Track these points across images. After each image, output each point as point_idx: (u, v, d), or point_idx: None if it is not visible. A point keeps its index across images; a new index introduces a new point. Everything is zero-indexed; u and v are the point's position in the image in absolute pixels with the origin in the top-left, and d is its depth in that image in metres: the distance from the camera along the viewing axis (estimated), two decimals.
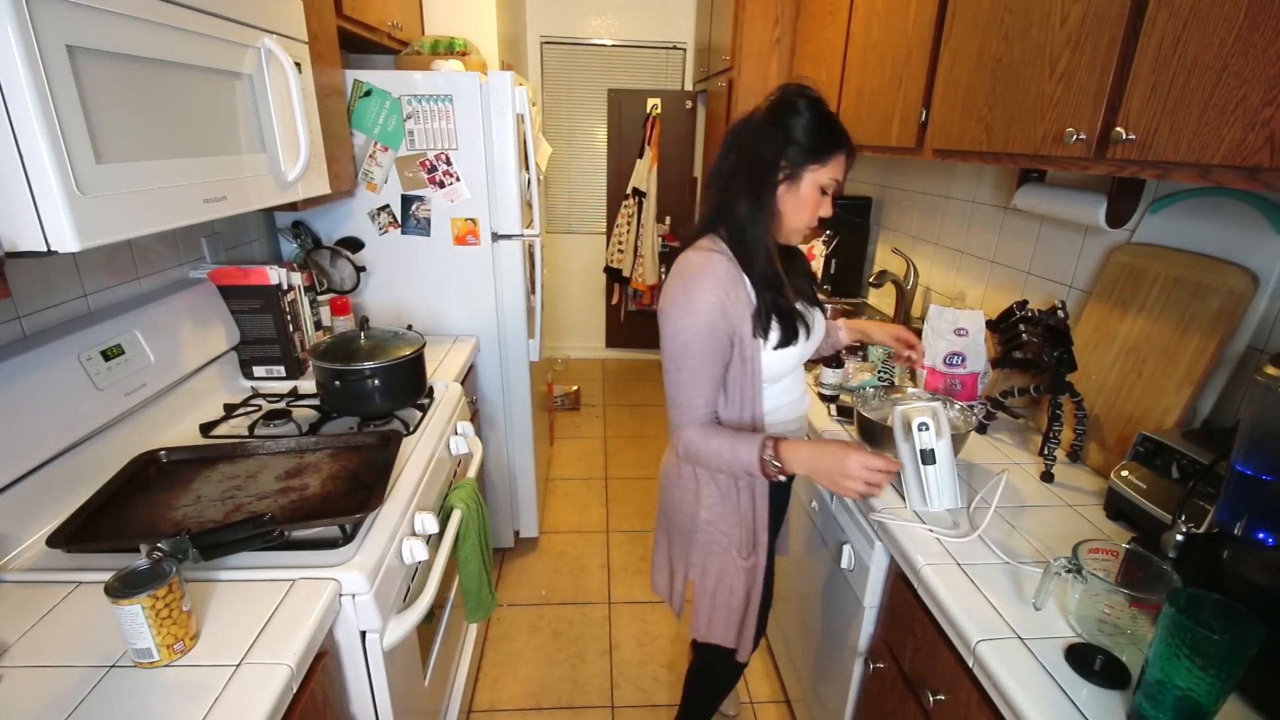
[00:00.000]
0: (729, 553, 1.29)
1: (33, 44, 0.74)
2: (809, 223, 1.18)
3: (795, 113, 1.11)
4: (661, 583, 1.44)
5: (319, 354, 1.44)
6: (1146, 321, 1.29)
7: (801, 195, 1.14)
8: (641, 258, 4.14)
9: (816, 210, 1.16)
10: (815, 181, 1.13)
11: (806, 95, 1.13)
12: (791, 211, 1.16)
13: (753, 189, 1.14)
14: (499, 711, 1.87)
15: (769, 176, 1.13)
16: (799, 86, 1.14)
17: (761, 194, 1.13)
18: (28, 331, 1.17)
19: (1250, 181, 0.83)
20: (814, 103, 1.12)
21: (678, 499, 1.31)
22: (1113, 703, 0.81)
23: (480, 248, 2.10)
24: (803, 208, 1.15)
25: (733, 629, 1.35)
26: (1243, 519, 0.84)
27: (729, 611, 1.33)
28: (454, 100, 1.94)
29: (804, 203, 1.15)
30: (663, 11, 3.91)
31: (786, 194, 1.14)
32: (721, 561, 1.30)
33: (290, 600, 0.94)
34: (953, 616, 0.96)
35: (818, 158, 1.12)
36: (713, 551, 1.30)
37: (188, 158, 1.01)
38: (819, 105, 1.13)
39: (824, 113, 1.13)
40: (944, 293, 2.08)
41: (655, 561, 1.45)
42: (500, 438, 2.36)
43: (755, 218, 1.14)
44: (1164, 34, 0.93)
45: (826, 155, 1.12)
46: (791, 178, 1.13)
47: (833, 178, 1.14)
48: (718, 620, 1.34)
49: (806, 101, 1.12)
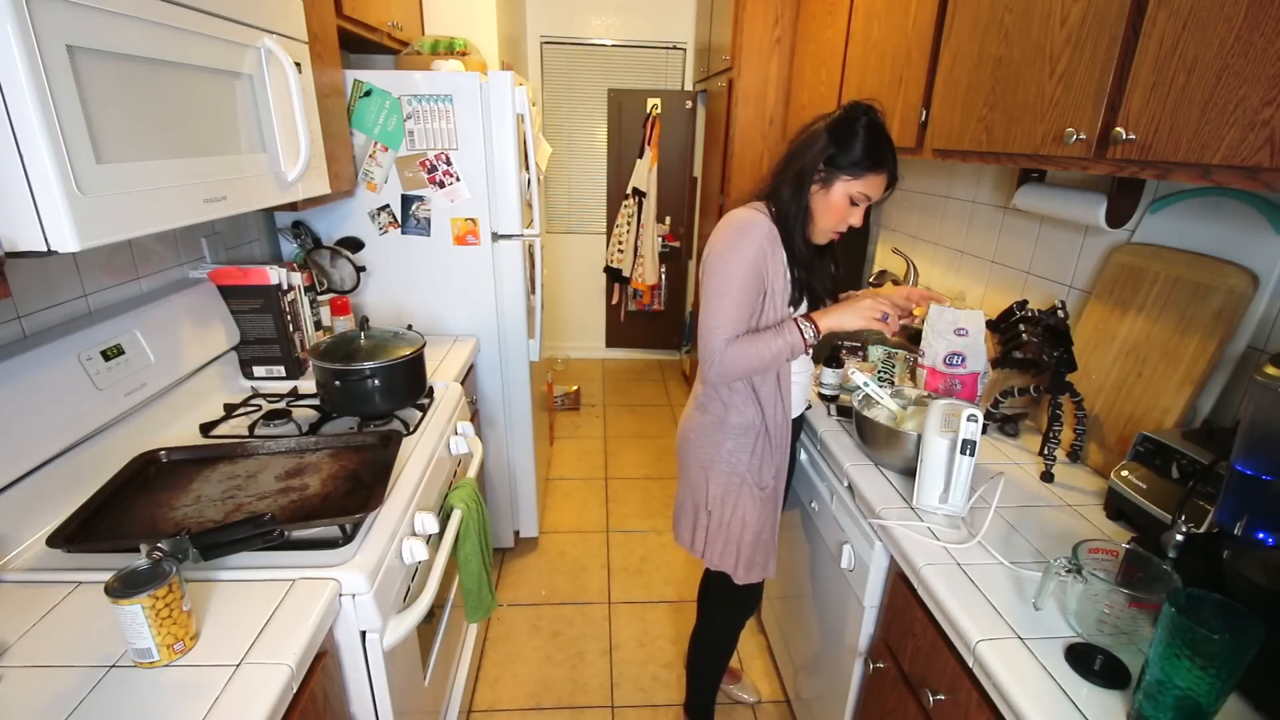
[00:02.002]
0: (745, 481, 1.40)
1: (33, 44, 0.74)
2: (835, 226, 1.30)
3: (849, 127, 1.23)
4: (685, 529, 1.53)
5: (319, 354, 1.44)
6: (1146, 321, 1.29)
7: (831, 200, 1.26)
8: (641, 258, 4.14)
9: (844, 217, 1.28)
10: (846, 191, 1.25)
11: (867, 115, 1.24)
12: (820, 212, 1.29)
13: (794, 181, 1.28)
14: (499, 711, 1.87)
15: (808, 174, 1.26)
16: (865, 105, 1.25)
17: (801, 188, 1.27)
18: (28, 331, 1.17)
19: (1250, 181, 0.83)
20: (870, 124, 1.23)
21: (704, 439, 1.42)
22: (1113, 703, 0.81)
23: (480, 248, 2.10)
24: (830, 211, 1.28)
25: (746, 558, 1.45)
26: (1243, 519, 0.84)
27: (741, 542, 1.44)
28: (454, 100, 1.94)
29: (832, 207, 1.27)
30: (663, 11, 3.91)
31: (819, 194, 1.27)
32: (739, 493, 1.41)
33: (290, 600, 0.94)
34: (953, 616, 0.96)
35: (853, 171, 1.23)
36: (733, 482, 1.41)
37: (188, 158, 1.01)
38: (873, 127, 1.23)
39: (874, 135, 1.23)
40: (944, 293, 2.08)
41: (678, 517, 1.56)
42: (500, 438, 2.36)
43: (792, 207, 1.29)
44: (1164, 34, 0.93)
45: (862, 171, 1.23)
46: (825, 182, 1.26)
47: (864, 192, 1.25)
48: (731, 550, 1.45)
49: (864, 120, 1.23)
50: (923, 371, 1.60)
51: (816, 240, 1.34)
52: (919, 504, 1.20)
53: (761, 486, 1.41)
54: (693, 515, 1.50)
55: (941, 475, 1.17)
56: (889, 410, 1.40)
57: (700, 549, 1.50)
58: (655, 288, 4.30)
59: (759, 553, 1.45)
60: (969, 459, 1.13)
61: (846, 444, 1.45)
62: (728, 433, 1.39)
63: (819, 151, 1.24)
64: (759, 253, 1.25)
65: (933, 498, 1.18)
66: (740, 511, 1.42)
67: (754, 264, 1.25)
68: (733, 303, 1.26)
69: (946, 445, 1.15)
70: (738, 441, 1.39)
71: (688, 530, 1.52)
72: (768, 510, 1.43)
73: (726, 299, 1.26)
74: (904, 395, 1.44)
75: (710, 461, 1.41)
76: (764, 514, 1.43)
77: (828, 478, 1.48)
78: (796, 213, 1.28)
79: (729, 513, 1.42)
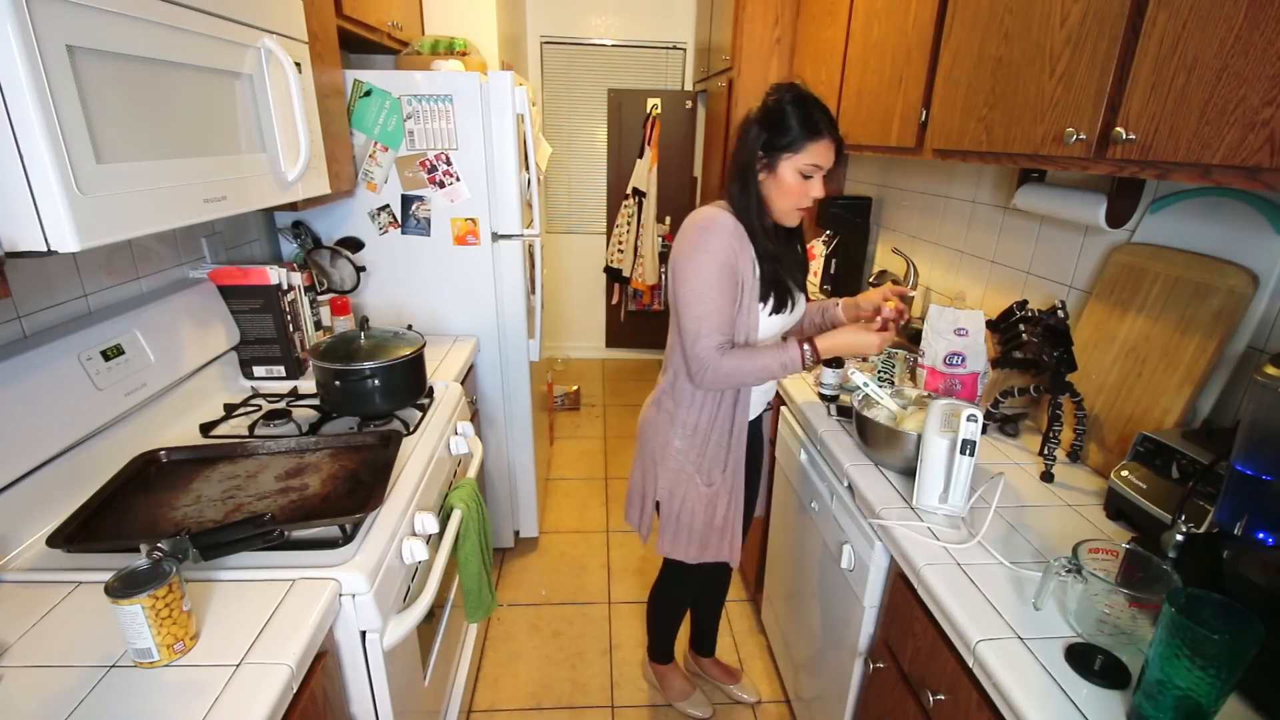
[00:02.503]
0: (693, 479, 1.46)
1: (33, 44, 0.74)
2: (797, 203, 1.31)
3: (774, 108, 1.26)
4: (634, 513, 1.61)
5: (319, 354, 1.44)
6: (1146, 321, 1.29)
7: (781, 181, 1.28)
8: (641, 258, 4.14)
9: (803, 191, 1.29)
10: (792, 168, 1.26)
11: (790, 92, 1.27)
12: (775, 196, 1.30)
13: (740, 176, 1.30)
14: (499, 711, 1.87)
15: (750, 167, 1.29)
16: (784, 84, 1.29)
17: (748, 180, 1.30)
18: (28, 331, 1.17)
19: (1250, 181, 0.83)
20: (795, 99, 1.25)
21: (656, 432, 1.47)
22: (1113, 703, 0.81)
23: (480, 248, 2.10)
24: (785, 192, 1.29)
25: (696, 546, 1.52)
26: (1243, 519, 0.84)
27: (690, 531, 1.50)
28: (454, 100, 1.94)
29: (784, 187, 1.28)
30: (663, 11, 3.91)
31: (768, 181, 1.30)
32: (687, 487, 1.47)
33: (290, 600, 0.94)
34: (953, 616, 0.96)
35: (792, 146, 1.25)
36: (680, 478, 1.46)
37: (188, 158, 1.01)
38: (798, 101, 1.25)
39: (801, 107, 1.25)
40: (944, 293, 2.08)
41: (629, 497, 1.62)
42: (500, 438, 2.36)
43: (745, 202, 1.31)
44: (1164, 34, 0.93)
45: (800, 143, 1.25)
46: (769, 167, 1.28)
47: (811, 163, 1.26)
48: (681, 538, 1.52)
49: (787, 97, 1.26)
50: (923, 371, 1.60)
51: (786, 223, 1.35)
52: (919, 504, 1.20)
53: (709, 484, 1.46)
54: (640, 502, 1.57)
55: (941, 475, 1.17)
56: (889, 410, 1.40)
57: (646, 535, 1.58)
58: (655, 288, 4.29)
59: (712, 537, 1.50)
60: (969, 459, 1.13)
61: (846, 444, 1.45)
62: (677, 430, 1.43)
63: (754, 140, 1.27)
64: (727, 249, 1.26)
65: (933, 498, 1.18)
66: (688, 504, 1.47)
67: (724, 261, 1.26)
68: (712, 307, 1.26)
69: (946, 445, 1.15)
70: (686, 441, 1.44)
71: (636, 514, 1.60)
72: (721, 502, 1.48)
73: (705, 303, 1.27)
74: (904, 395, 1.44)
75: (660, 456, 1.47)
76: (715, 505, 1.47)
77: (828, 478, 1.48)
78: (750, 205, 1.30)
79: (677, 504, 1.48)
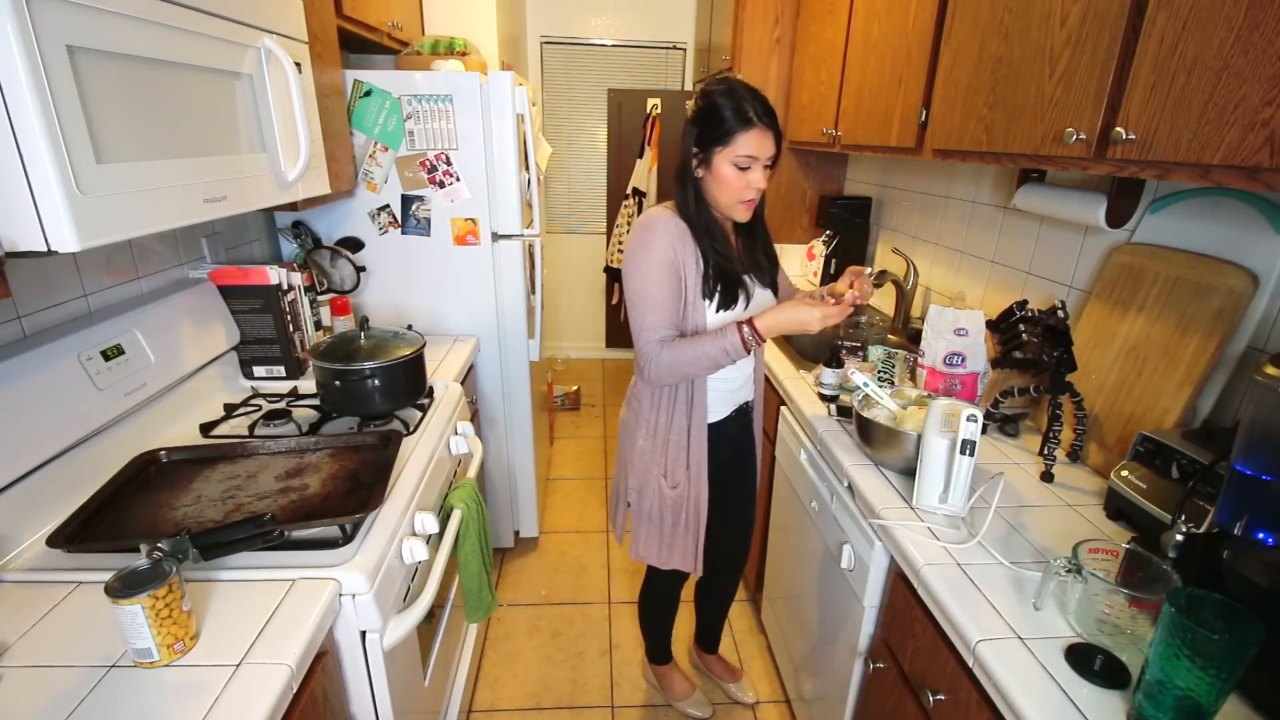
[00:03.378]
0: (658, 480, 1.47)
1: (33, 44, 0.74)
2: (738, 196, 1.29)
3: (704, 103, 1.26)
4: (614, 514, 1.64)
5: (319, 354, 1.44)
6: (1146, 321, 1.29)
7: (718, 175, 1.27)
8: None
9: (742, 184, 1.27)
10: (727, 160, 1.25)
11: (720, 84, 1.26)
12: (716, 191, 1.30)
13: (680, 177, 1.32)
14: (499, 711, 1.87)
15: (687, 164, 1.30)
16: (715, 77, 1.31)
17: (686, 180, 1.31)
18: (28, 331, 1.17)
19: (1250, 181, 0.83)
20: (723, 91, 1.24)
21: (628, 434, 1.50)
22: (1113, 703, 0.81)
23: (480, 248, 2.10)
24: (724, 186, 1.28)
25: (664, 550, 1.53)
26: (1243, 519, 0.84)
27: (660, 534, 1.52)
28: (454, 100, 1.94)
29: (722, 181, 1.27)
30: (663, 11, 3.91)
31: (706, 177, 1.30)
32: (654, 488, 1.48)
33: (290, 600, 0.94)
34: (953, 616, 0.96)
35: (722, 140, 1.24)
36: (647, 479, 1.48)
37: (188, 158, 1.01)
38: (726, 93, 1.24)
39: (730, 98, 1.23)
40: (944, 293, 2.08)
41: (610, 498, 1.66)
42: (500, 438, 2.36)
43: (684, 199, 1.32)
44: (1164, 34, 0.93)
45: (731, 135, 1.23)
46: (705, 161, 1.28)
47: (745, 154, 1.24)
48: (652, 542, 1.53)
49: (718, 89, 1.25)
50: (923, 371, 1.60)
51: (734, 217, 1.34)
52: (919, 504, 1.20)
53: (673, 485, 1.47)
54: (615, 502, 1.62)
55: (941, 475, 1.17)
56: (889, 410, 1.40)
57: (620, 535, 1.62)
58: None
59: (676, 543, 1.51)
60: (969, 459, 1.13)
61: (847, 444, 1.45)
62: (641, 429, 1.46)
63: (689, 140, 1.29)
64: (666, 248, 1.28)
65: (933, 498, 1.18)
66: (654, 505, 1.49)
67: (665, 259, 1.28)
68: (655, 301, 1.29)
69: (946, 445, 1.15)
70: (649, 441, 1.46)
71: (614, 514, 1.64)
72: (683, 506, 1.48)
73: (648, 299, 1.29)
74: (904, 395, 1.44)
75: (629, 455, 1.50)
76: (676, 509, 1.48)
77: (828, 478, 1.48)
78: (688, 202, 1.31)
79: (646, 505, 1.50)
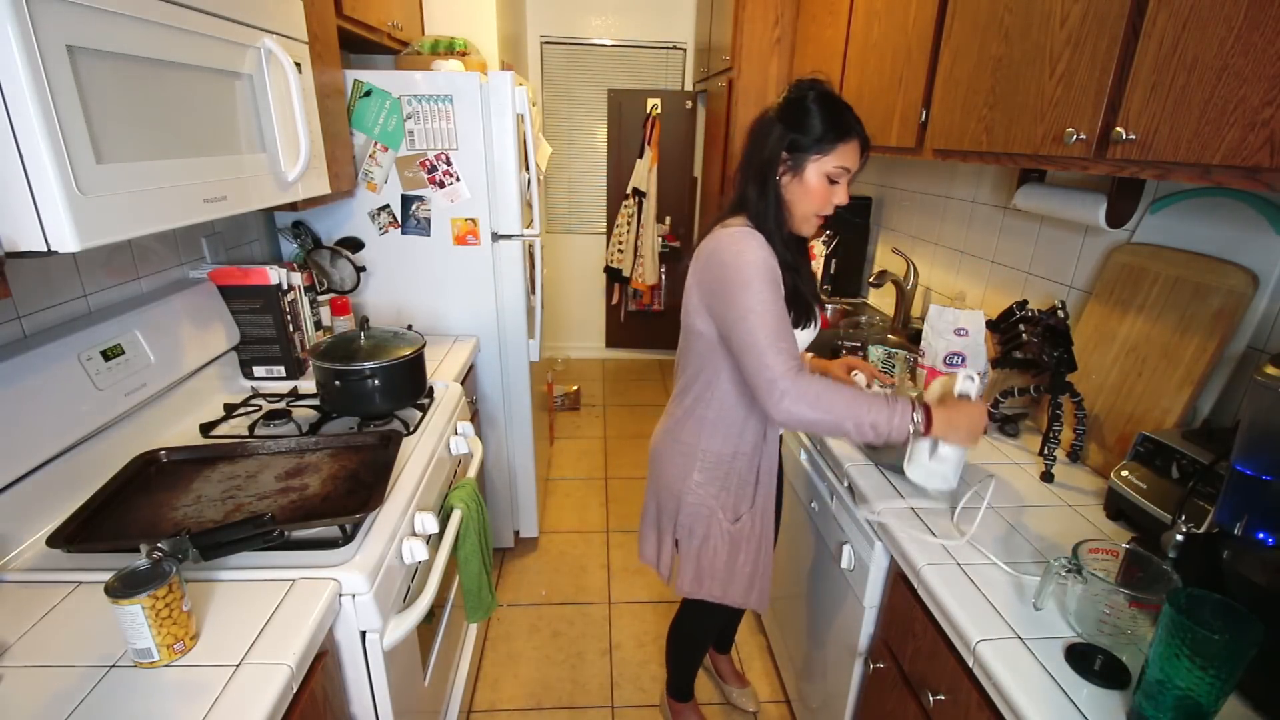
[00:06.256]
0: (715, 515, 1.35)
1: (33, 44, 0.74)
2: (819, 209, 1.21)
3: (801, 106, 1.16)
4: (650, 550, 1.50)
5: (319, 354, 1.44)
6: (1146, 321, 1.29)
7: (807, 184, 1.18)
8: (641, 258, 4.14)
9: (826, 198, 1.19)
10: (820, 170, 1.17)
11: (814, 89, 1.17)
12: (798, 199, 1.20)
13: (759, 179, 1.19)
14: (499, 711, 1.87)
15: (771, 168, 1.18)
16: (809, 80, 1.19)
17: (766, 185, 1.19)
18: (28, 331, 1.17)
19: (1250, 181, 0.83)
20: (820, 95, 1.16)
21: (672, 465, 1.36)
22: (1113, 703, 0.81)
23: (480, 248, 2.10)
24: (809, 196, 1.19)
25: (717, 586, 1.40)
26: (1243, 519, 0.84)
27: (713, 572, 1.39)
28: (454, 100, 1.93)
29: (810, 191, 1.18)
30: (663, 11, 3.91)
31: (792, 184, 1.19)
32: (708, 523, 1.35)
33: (290, 600, 0.94)
34: (953, 616, 0.96)
35: (819, 148, 1.15)
36: (700, 514, 1.35)
37: (188, 158, 1.01)
38: (825, 98, 1.16)
39: (829, 105, 1.16)
40: (944, 293, 2.08)
41: (643, 531, 1.51)
42: (500, 438, 2.36)
43: (763, 208, 1.19)
44: (1164, 34, 0.93)
45: (830, 144, 1.15)
46: (795, 168, 1.17)
47: (840, 166, 1.16)
48: (704, 579, 1.40)
49: (814, 94, 1.16)
50: (923, 371, 1.60)
51: (802, 232, 1.24)
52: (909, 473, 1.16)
53: (735, 520, 1.34)
54: (656, 537, 1.45)
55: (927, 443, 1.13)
56: None
57: (667, 574, 1.46)
58: (655, 288, 4.29)
59: (738, 581, 1.38)
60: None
61: (846, 444, 1.45)
62: (696, 463, 1.32)
63: (777, 140, 1.16)
64: (767, 259, 1.14)
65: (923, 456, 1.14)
66: (710, 542, 1.36)
67: (769, 268, 1.13)
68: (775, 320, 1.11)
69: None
70: (707, 474, 1.32)
71: (652, 549, 1.48)
72: (748, 545, 1.36)
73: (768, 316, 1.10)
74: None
75: (680, 491, 1.35)
76: (739, 546, 1.36)
77: (828, 478, 1.48)
78: (769, 210, 1.18)
79: (697, 543, 1.36)
